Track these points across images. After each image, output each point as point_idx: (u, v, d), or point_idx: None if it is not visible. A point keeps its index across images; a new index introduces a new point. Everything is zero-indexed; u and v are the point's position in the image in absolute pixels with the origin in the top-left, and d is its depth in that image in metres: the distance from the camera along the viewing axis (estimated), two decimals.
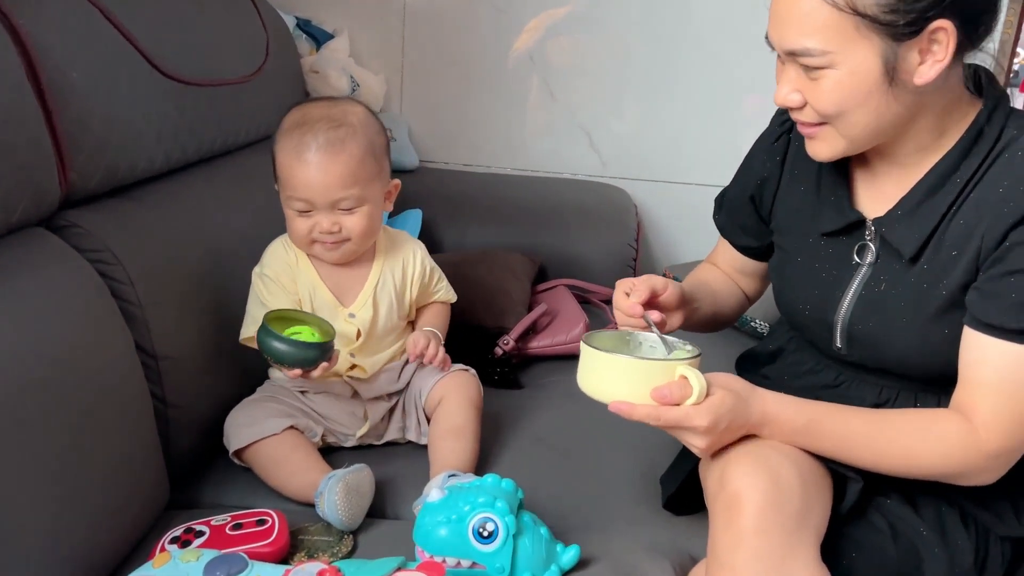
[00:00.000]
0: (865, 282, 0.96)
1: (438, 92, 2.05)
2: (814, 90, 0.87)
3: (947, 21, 0.82)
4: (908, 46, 0.83)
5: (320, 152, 1.08)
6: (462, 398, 1.16)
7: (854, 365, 0.99)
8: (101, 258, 1.02)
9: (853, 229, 0.97)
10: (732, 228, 1.15)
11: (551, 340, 1.50)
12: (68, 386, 0.90)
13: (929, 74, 0.84)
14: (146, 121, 1.15)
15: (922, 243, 0.91)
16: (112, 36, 1.13)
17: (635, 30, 1.96)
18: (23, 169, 0.92)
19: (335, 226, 1.11)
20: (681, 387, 0.86)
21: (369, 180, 1.12)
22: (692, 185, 2.03)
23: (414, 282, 1.22)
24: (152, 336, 1.05)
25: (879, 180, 0.97)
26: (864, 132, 0.89)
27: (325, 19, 1.97)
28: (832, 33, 0.83)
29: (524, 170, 2.08)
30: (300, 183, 1.09)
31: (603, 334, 0.96)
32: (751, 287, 1.19)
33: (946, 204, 0.89)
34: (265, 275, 1.14)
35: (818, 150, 0.93)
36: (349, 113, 1.13)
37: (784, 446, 0.89)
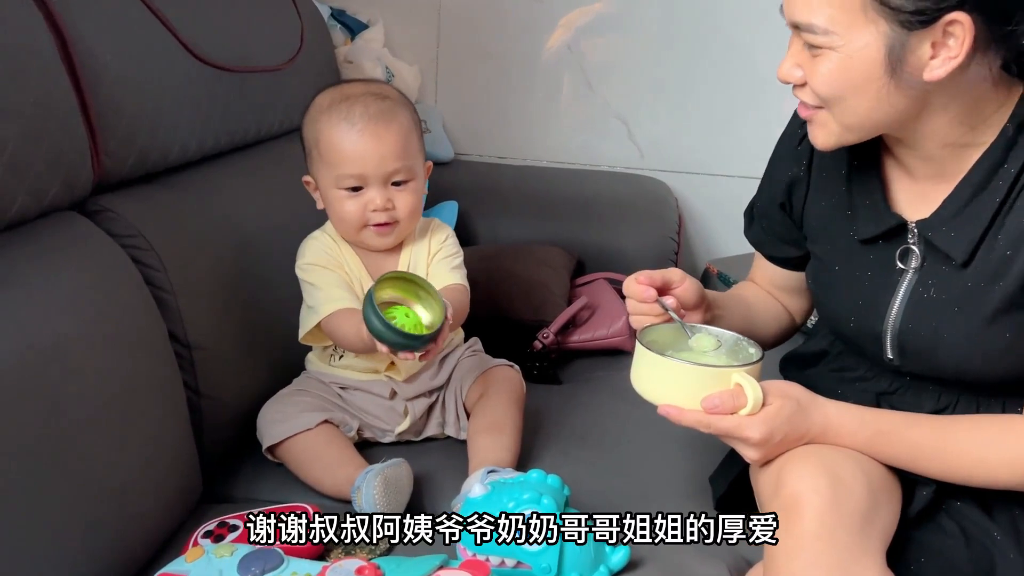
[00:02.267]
0: (912, 288, 0.89)
1: (473, 83, 2.02)
2: (814, 69, 0.82)
3: (963, 14, 0.75)
4: (919, 37, 0.76)
5: (373, 122, 1.05)
6: (504, 393, 1.12)
7: (909, 374, 0.93)
8: (134, 243, 1.00)
9: (894, 234, 0.90)
10: (769, 240, 1.07)
11: (592, 334, 1.46)
12: (100, 374, 0.88)
13: (939, 71, 0.77)
14: (179, 107, 1.13)
15: (974, 246, 0.84)
16: (147, 20, 1.11)
17: (674, 20, 1.92)
18: (55, 152, 0.90)
19: (388, 203, 1.07)
20: (734, 396, 0.81)
21: (416, 154, 1.10)
22: (734, 177, 1.97)
23: (431, 253, 1.15)
24: (185, 325, 1.03)
25: (917, 179, 0.90)
26: (861, 122, 0.83)
27: (359, 9, 1.95)
28: (838, 12, 0.78)
29: (560, 162, 2.04)
30: (353, 156, 1.05)
31: (661, 327, 0.91)
32: (796, 306, 1.11)
33: (995, 202, 0.82)
34: (310, 264, 1.10)
35: (815, 135, 0.87)
36: (387, 88, 1.12)
37: (843, 448, 0.84)
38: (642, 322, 0.92)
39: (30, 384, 0.79)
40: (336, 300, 1.06)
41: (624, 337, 1.43)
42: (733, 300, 1.06)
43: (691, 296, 0.94)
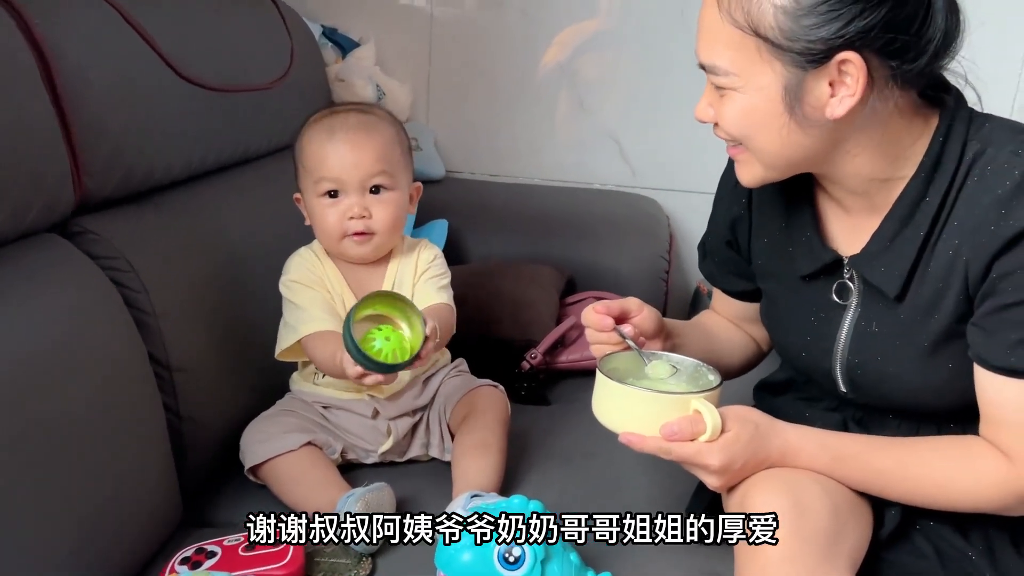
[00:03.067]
0: (855, 323, 0.90)
1: (465, 101, 2.02)
2: (721, 109, 0.84)
3: (853, 54, 0.76)
4: (815, 76, 0.77)
5: (352, 131, 1.08)
6: (488, 414, 1.12)
7: (865, 406, 0.94)
8: (115, 265, 0.99)
9: (831, 269, 0.91)
10: (722, 275, 1.08)
11: (580, 354, 1.45)
12: (78, 397, 0.87)
13: (838, 109, 0.78)
14: (165, 126, 1.13)
15: (904, 280, 0.84)
16: (132, 39, 1.10)
17: (666, 39, 1.92)
18: (36, 174, 0.90)
19: (365, 211, 1.08)
20: (693, 423, 0.81)
21: (398, 167, 1.11)
22: None
23: (417, 272, 1.15)
24: (166, 347, 1.02)
25: (850, 213, 0.90)
26: (775, 159, 0.84)
27: (351, 27, 1.95)
28: (737, 54, 0.79)
29: (552, 180, 2.04)
30: (332, 162, 1.07)
31: (621, 355, 0.91)
32: (760, 334, 1.10)
33: (921, 235, 0.83)
34: (292, 280, 1.11)
35: (740, 174, 0.88)
36: (375, 107, 1.16)
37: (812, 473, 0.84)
38: (602, 351, 0.93)
39: (8, 407, 0.78)
40: (315, 321, 1.06)
41: None
42: (694, 329, 1.06)
43: (649, 325, 0.95)
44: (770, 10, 0.77)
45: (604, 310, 0.92)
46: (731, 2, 0.79)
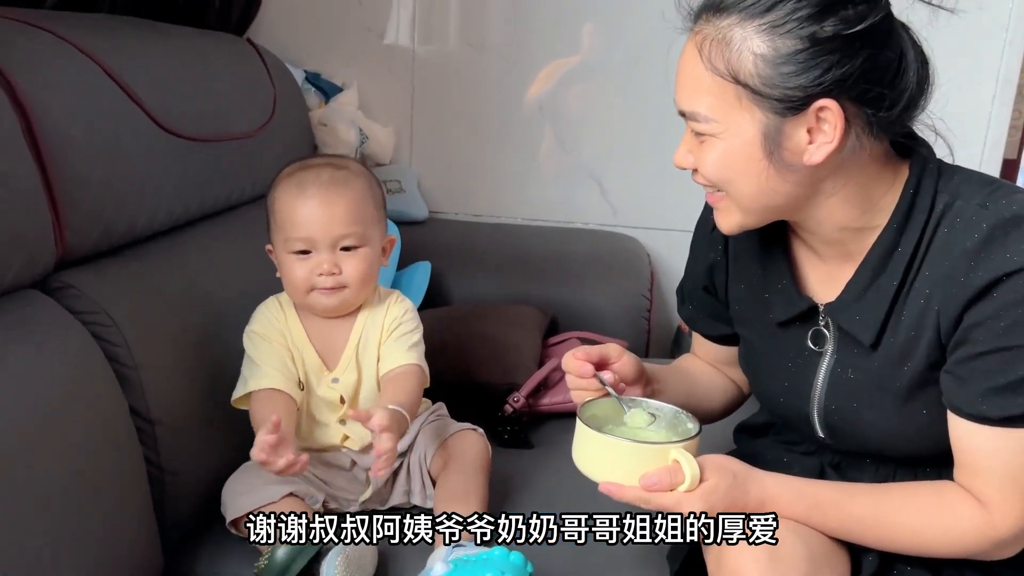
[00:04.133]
0: (831, 369, 0.91)
1: (447, 143, 2.04)
2: (701, 155, 0.85)
3: (831, 101, 0.78)
4: (793, 123, 0.79)
5: (324, 188, 1.07)
6: (469, 460, 1.12)
7: (843, 451, 0.95)
8: (96, 320, 0.99)
9: (807, 316, 0.92)
10: (701, 319, 1.09)
11: (563, 396, 1.45)
12: (59, 452, 0.87)
13: (816, 156, 0.80)
14: (147, 179, 1.13)
15: (879, 328, 0.86)
16: (114, 93, 1.12)
17: (643, 77, 1.95)
18: (17, 231, 0.90)
19: (335, 268, 1.07)
20: (672, 473, 0.82)
21: (370, 222, 1.10)
22: None
23: (385, 329, 1.13)
24: (147, 400, 1.02)
25: (824, 259, 0.92)
26: (753, 205, 0.85)
27: (334, 73, 1.98)
28: (716, 100, 0.81)
29: (535, 220, 2.06)
30: (302, 219, 1.06)
31: (601, 402, 0.92)
32: (741, 378, 1.12)
33: (894, 285, 0.85)
34: (254, 332, 1.11)
35: (720, 220, 0.90)
36: (349, 162, 1.14)
37: (786, 520, 0.84)
38: (582, 397, 0.93)
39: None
40: (264, 378, 1.06)
41: None
42: (674, 373, 1.07)
43: (629, 371, 0.95)
44: (749, 57, 0.78)
45: (584, 356, 0.93)
46: (711, 50, 0.80)
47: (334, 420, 1.12)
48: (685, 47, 0.85)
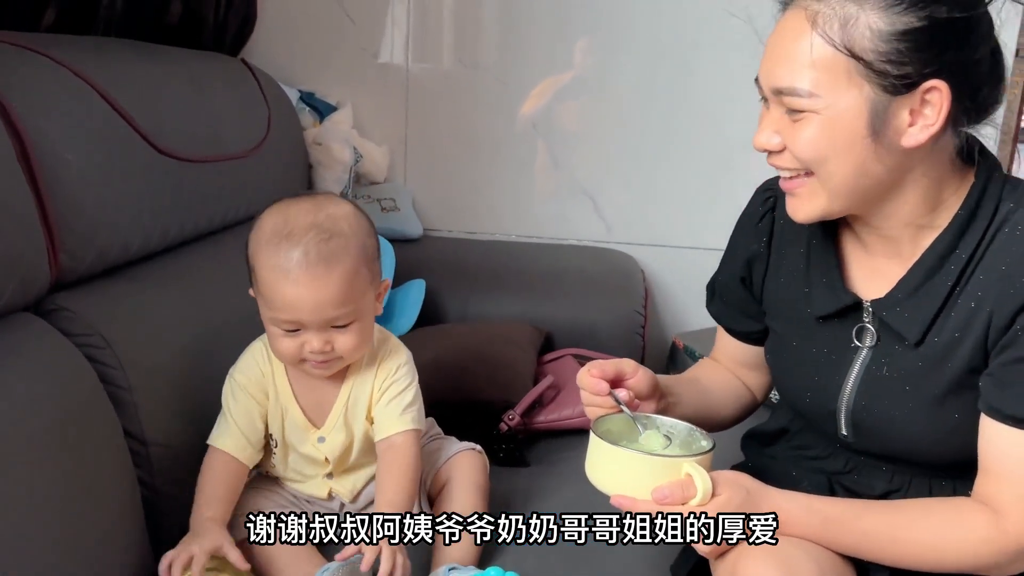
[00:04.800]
0: (866, 366, 0.91)
1: (441, 161, 2.05)
2: (795, 133, 0.84)
3: (942, 82, 0.79)
4: (900, 103, 0.80)
5: (312, 269, 0.95)
6: (468, 482, 1.11)
7: (863, 452, 0.94)
8: (90, 342, 0.99)
9: (849, 311, 0.92)
10: (730, 314, 1.08)
11: (558, 414, 1.45)
12: (53, 474, 0.86)
13: (919, 137, 0.81)
14: (142, 200, 1.14)
15: (926, 327, 0.86)
16: (109, 115, 1.12)
17: (637, 94, 1.97)
18: (11, 254, 0.91)
19: (327, 345, 0.99)
20: (684, 487, 0.82)
21: (362, 293, 1.00)
22: (700, 249, 2.00)
23: (377, 388, 1.07)
24: (141, 421, 1.02)
25: (874, 258, 0.92)
26: (845, 187, 0.84)
27: (328, 92, 1.99)
28: (823, 74, 0.80)
29: (529, 237, 2.07)
30: (288, 304, 0.96)
31: (615, 417, 0.92)
32: (757, 382, 1.12)
33: (947, 286, 0.85)
34: (236, 380, 1.06)
35: (797, 208, 0.88)
36: (338, 219, 0.99)
37: (799, 539, 0.84)
38: (595, 413, 0.93)
39: None
40: (227, 437, 1.04)
41: None
42: (687, 385, 1.06)
43: (644, 387, 0.95)
44: (867, 32, 0.78)
45: (599, 373, 0.92)
46: (826, 21, 0.79)
47: (320, 474, 1.09)
48: (785, 22, 0.84)
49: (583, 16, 1.94)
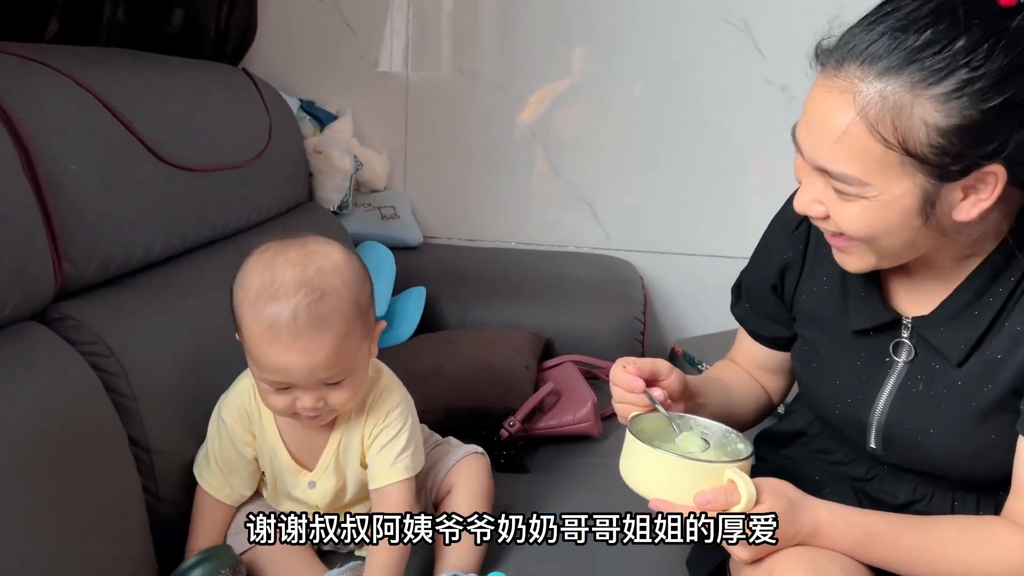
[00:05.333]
0: (901, 382, 0.90)
1: (441, 169, 2.06)
2: (841, 210, 0.80)
3: (999, 166, 0.75)
4: (952, 185, 0.77)
5: (302, 336, 0.89)
6: (472, 488, 1.11)
7: (889, 464, 0.94)
8: (94, 350, 1.00)
9: (888, 327, 0.91)
10: (757, 319, 1.06)
11: (559, 420, 1.46)
12: (58, 482, 0.87)
13: (972, 213, 0.78)
14: (144, 210, 1.14)
15: (970, 348, 0.85)
16: (111, 124, 1.13)
17: (635, 102, 1.98)
18: (16, 264, 0.91)
19: (319, 401, 0.94)
20: (727, 493, 0.81)
21: (356, 349, 0.95)
22: (698, 256, 2.01)
23: (368, 434, 1.03)
24: (146, 429, 1.02)
25: (915, 279, 0.90)
26: (894, 254, 0.83)
27: (329, 100, 2.00)
28: (874, 164, 0.76)
29: (528, 244, 2.08)
30: (277, 367, 0.92)
31: (649, 417, 0.91)
32: (775, 385, 1.11)
33: (994, 308, 0.84)
34: (223, 419, 1.04)
35: (847, 262, 0.87)
36: (328, 274, 0.93)
37: (832, 551, 0.84)
38: (627, 411, 0.92)
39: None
40: (212, 478, 1.04)
41: (590, 423, 1.44)
42: (713, 385, 1.05)
43: (677, 388, 0.94)
44: (922, 127, 0.74)
45: (635, 370, 0.91)
46: (879, 117, 0.74)
47: (311, 511, 1.06)
48: (826, 96, 0.78)
49: (581, 24, 1.95)
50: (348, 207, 1.90)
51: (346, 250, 0.98)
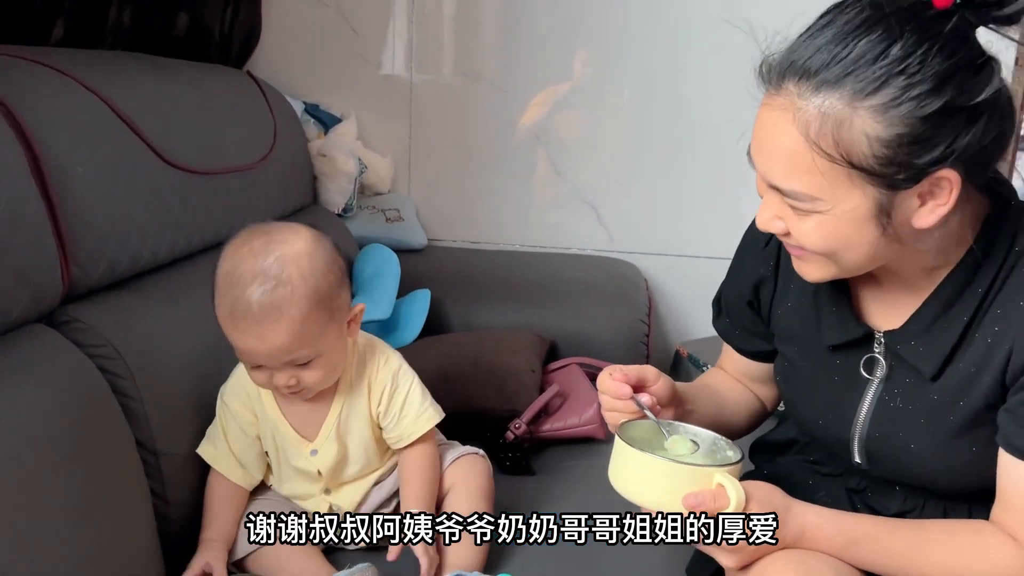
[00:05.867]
0: (879, 397, 0.90)
1: (445, 171, 2.06)
2: (799, 226, 0.80)
3: (951, 171, 0.74)
4: (907, 193, 0.76)
5: (257, 323, 0.94)
6: (472, 488, 1.11)
7: (877, 478, 0.94)
8: (102, 353, 1.00)
9: (861, 342, 0.91)
10: (738, 334, 1.06)
11: (564, 423, 1.46)
12: (65, 484, 0.87)
13: (930, 218, 0.77)
14: (150, 212, 1.15)
15: (942, 362, 0.84)
16: (118, 127, 1.13)
17: (637, 103, 1.98)
18: (24, 267, 0.91)
19: (291, 379, 1.00)
20: (716, 497, 0.81)
21: (319, 333, 0.98)
22: (702, 258, 2.01)
23: (377, 402, 1.08)
24: (153, 432, 1.02)
25: (886, 290, 0.90)
26: (856, 266, 0.83)
27: (333, 104, 2.00)
28: (821, 179, 0.75)
29: (532, 246, 2.08)
30: (242, 349, 0.98)
31: (639, 424, 0.91)
32: (766, 393, 1.11)
33: (964, 320, 0.83)
34: (227, 404, 1.08)
35: (806, 272, 0.86)
36: (287, 262, 0.96)
37: (825, 555, 0.84)
38: (616, 418, 0.92)
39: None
40: (223, 459, 1.06)
41: (596, 425, 1.44)
42: (703, 392, 1.05)
43: (664, 394, 0.94)
44: (863, 140, 0.73)
45: (622, 377, 0.91)
46: (820, 134, 0.74)
47: (317, 490, 1.10)
48: (769, 115, 0.78)
49: (583, 26, 1.95)
50: (352, 210, 1.90)
51: (313, 237, 1.00)
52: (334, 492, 1.11)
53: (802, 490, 0.91)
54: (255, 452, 1.09)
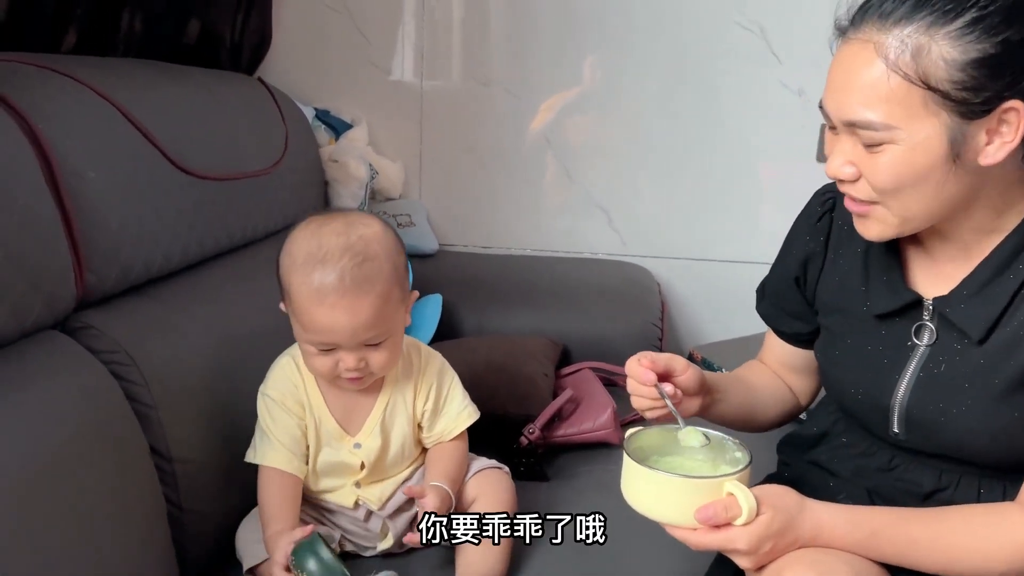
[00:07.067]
0: (923, 364, 0.90)
1: (456, 177, 2.06)
2: (871, 164, 0.83)
3: (1020, 102, 0.78)
4: (977, 125, 0.79)
5: (347, 296, 0.97)
6: (495, 499, 1.10)
7: (912, 450, 0.93)
8: (116, 359, 1.00)
9: (909, 309, 0.92)
10: (779, 315, 1.08)
11: (578, 428, 1.45)
12: (79, 491, 0.87)
13: (997, 155, 0.80)
14: (163, 218, 1.15)
15: (991, 324, 0.86)
16: (131, 134, 1.14)
17: (648, 107, 1.98)
18: (38, 273, 0.91)
19: (361, 362, 1.02)
20: (728, 507, 0.81)
21: (394, 312, 1.03)
22: (715, 261, 2.00)
23: (425, 397, 1.11)
24: (167, 438, 1.02)
25: (936, 259, 0.92)
26: (919, 212, 0.84)
27: (344, 109, 2.00)
28: (898, 106, 0.79)
29: (544, 251, 2.07)
30: (324, 328, 0.99)
31: (647, 431, 0.91)
32: (802, 386, 1.12)
33: (1015, 285, 0.85)
34: (269, 396, 1.07)
35: (868, 229, 0.88)
36: (370, 241, 1.01)
37: (841, 551, 0.83)
38: (639, 404, 0.93)
39: (12, 502, 0.78)
40: (275, 453, 1.05)
41: (610, 430, 1.43)
42: (734, 383, 1.06)
43: (691, 384, 0.95)
44: (940, 63, 0.77)
45: (649, 364, 0.92)
46: (900, 59, 0.78)
47: (349, 483, 1.09)
48: (850, 52, 0.82)
49: (593, 30, 1.95)
50: None
51: (382, 222, 1.06)
52: (365, 487, 1.11)
53: (824, 492, 0.90)
54: (302, 446, 1.08)
